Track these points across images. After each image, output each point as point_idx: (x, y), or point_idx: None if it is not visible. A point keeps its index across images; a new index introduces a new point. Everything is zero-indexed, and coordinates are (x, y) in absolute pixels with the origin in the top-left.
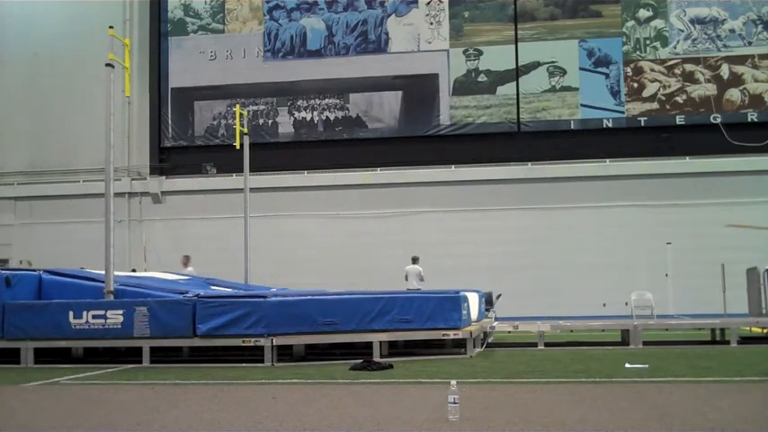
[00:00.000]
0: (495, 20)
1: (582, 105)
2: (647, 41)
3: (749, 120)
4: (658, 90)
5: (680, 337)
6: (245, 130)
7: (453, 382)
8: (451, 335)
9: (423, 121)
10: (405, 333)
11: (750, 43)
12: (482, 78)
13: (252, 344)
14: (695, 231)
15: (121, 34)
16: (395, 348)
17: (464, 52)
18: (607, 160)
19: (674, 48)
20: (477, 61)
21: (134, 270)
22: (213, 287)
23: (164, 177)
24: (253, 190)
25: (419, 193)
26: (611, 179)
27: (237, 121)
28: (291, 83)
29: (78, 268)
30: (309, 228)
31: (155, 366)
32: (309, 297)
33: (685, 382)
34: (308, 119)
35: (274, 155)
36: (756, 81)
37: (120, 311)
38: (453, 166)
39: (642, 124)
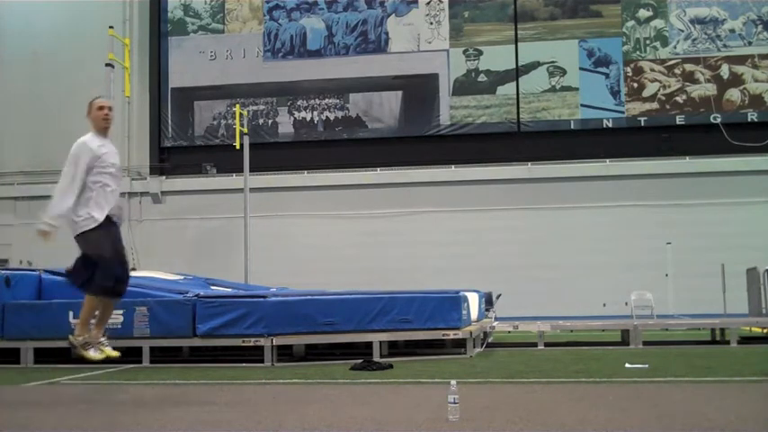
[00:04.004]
0: (495, 20)
1: (582, 105)
2: (647, 41)
3: (749, 120)
4: (658, 90)
5: (680, 337)
6: (245, 130)
7: (453, 382)
8: (451, 335)
9: (423, 121)
10: (405, 333)
11: (750, 43)
12: (482, 78)
13: (252, 344)
14: (695, 231)
15: (121, 34)
16: (395, 348)
17: (464, 52)
18: (607, 160)
19: (674, 48)
20: (477, 61)
21: (133, 269)
22: (213, 287)
23: (164, 177)
24: (253, 190)
25: (419, 193)
26: (611, 179)
27: (237, 121)
28: (291, 83)
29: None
30: (309, 228)
31: (155, 366)
32: (309, 297)
33: (685, 382)
34: (308, 119)
35: (274, 155)
36: (756, 81)
37: (120, 311)
38: (453, 166)
39: (642, 124)
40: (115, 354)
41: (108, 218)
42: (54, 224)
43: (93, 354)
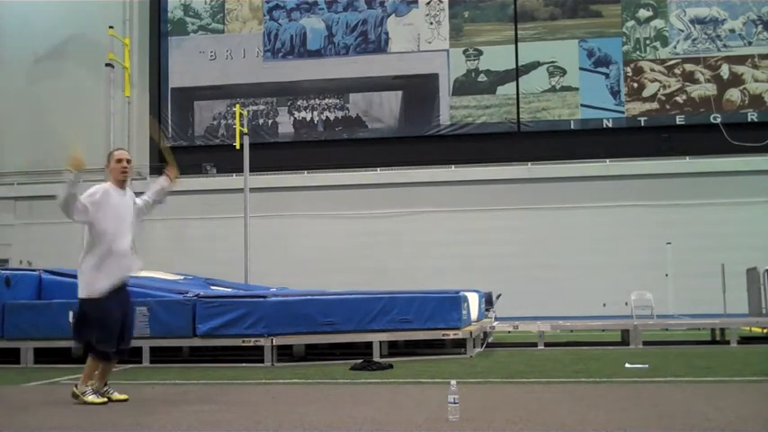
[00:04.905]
0: (495, 20)
1: (582, 105)
2: (647, 41)
3: (749, 120)
4: (658, 90)
5: (680, 337)
6: (245, 130)
7: (453, 382)
8: (451, 335)
9: (423, 121)
10: (405, 333)
11: (750, 43)
12: (482, 78)
13: (252, 344)
14: (695, 231)
15: (121, 34)
16: (395, 348)
17: (464, 52)
18: (607, 160)
19: (674, 48)
20: (477, 61)
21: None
22: (213, 287)
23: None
24: (253, 190)
25: (419, 194)
26: (611, 179)
27: (237, 121)
28: (291, 83)
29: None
30: (309, 228)
31: (155, 366)
32: (309, 297)
33: (685, 382)
34: (308, 119)
35: (274, 155)
36: (756, 81)
37: None
38: (453, 166)
39: (642, 124)
40: (123, 397)
41: (116, 284)
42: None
43: (92, 398)
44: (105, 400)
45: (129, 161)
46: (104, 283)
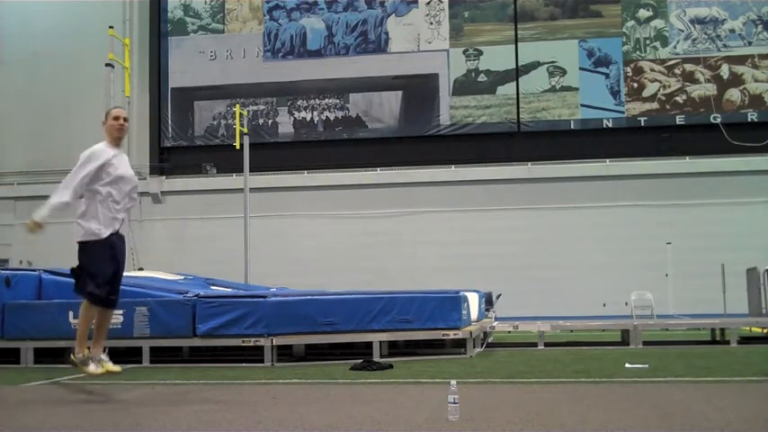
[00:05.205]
0: (495, 20)
1: (582, 105)
2: (647, 41)
3: (749, 120)
4: (658, 90)
5: (680, 337)
6: (245, 130)
7: (453, 382)
8: (451, 335)
9: (423, 121)
10: (405, 333)
11: (750, 43)
12: (482, 78)
13: (252, 344)
14: (695, 231)
15: (121, 34)
16: (395, 348)
17: (464, 52)
18: (607, 160)
19: (674, 48)
20: (477, 61)
21: (141, 269)
22: (213, 287)
23: (164, 177)
24: (253, 190)
25: (419, 194)
26: (611, 179)
27: (237, 121)
28: (291, 83)
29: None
30: (309, 228)
31: (155, 366)
32: (309, 297)
33: (685, 382)
34: (308, 119)
35: (274, 155)
36: (756, 81)
37: (120, 311)
38: (453, 166)
39: (642, 124)
40: (117, 369)
41: (113, 233)
42: (40, 222)
43: (92, 368)
44: (104, 370)
45: (125, 119)
46: (99, 228)
